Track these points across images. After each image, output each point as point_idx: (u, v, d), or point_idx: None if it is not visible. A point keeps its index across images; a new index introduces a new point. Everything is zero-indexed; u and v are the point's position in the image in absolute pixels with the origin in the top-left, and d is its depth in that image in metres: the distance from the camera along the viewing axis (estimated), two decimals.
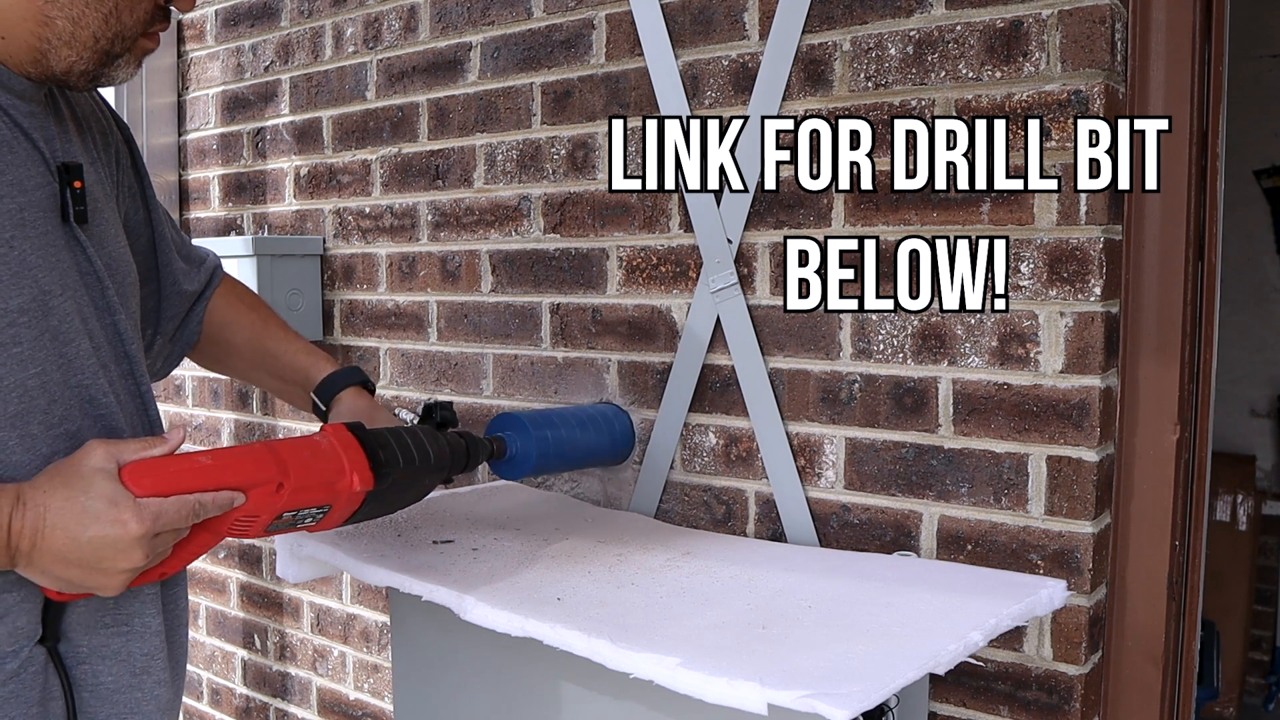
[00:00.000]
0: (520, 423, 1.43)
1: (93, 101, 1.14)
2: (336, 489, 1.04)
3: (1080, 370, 1.26)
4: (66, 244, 1.00)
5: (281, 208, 2.23)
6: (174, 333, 1.28)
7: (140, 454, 0.93)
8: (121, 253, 1.10)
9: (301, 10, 2.16)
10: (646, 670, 0.98)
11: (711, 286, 1.54)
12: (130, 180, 1.19)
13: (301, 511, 1.02)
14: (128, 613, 1.03)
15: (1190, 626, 1.37)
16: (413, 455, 1.12)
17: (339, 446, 1.05)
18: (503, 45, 1.81)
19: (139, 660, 1.03)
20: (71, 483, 0.89)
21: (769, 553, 1.38)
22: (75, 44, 0.96)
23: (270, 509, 0.99)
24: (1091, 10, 1.23)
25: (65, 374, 0.98)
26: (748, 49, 1.51)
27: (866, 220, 1.40)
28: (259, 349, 1.34)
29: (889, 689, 0.90)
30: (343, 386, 1.29)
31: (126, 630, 1.03)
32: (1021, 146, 1.28)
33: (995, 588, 1.18)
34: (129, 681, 1.02)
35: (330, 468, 1.04)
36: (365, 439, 1.08)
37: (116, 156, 1.17)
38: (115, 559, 0.89)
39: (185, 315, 1.28)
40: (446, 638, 1.36)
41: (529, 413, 1.49)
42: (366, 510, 1.10)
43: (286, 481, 0.99)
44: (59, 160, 1.01)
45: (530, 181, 1.78)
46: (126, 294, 1.09)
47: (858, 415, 1.42)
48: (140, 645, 1.04)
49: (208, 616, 2.56)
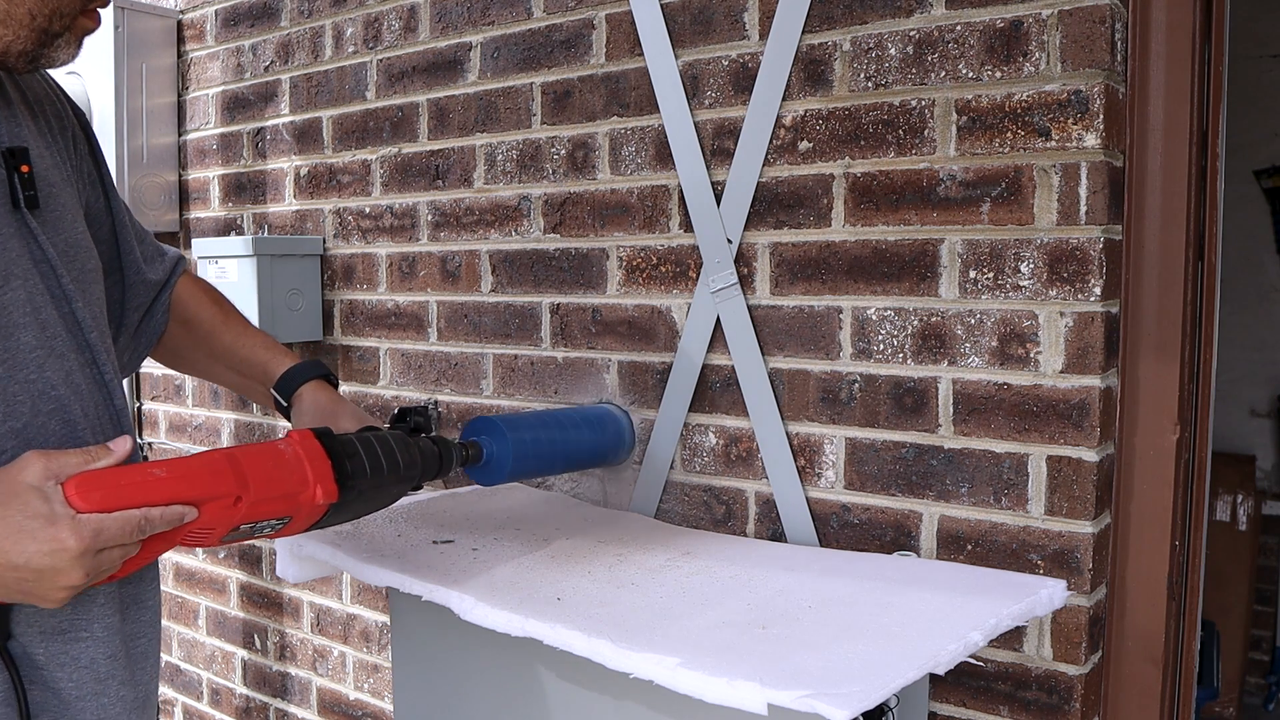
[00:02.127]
0: (496, 426, 1.37)
1: (46, 86, 1.11)
2: (299, 501, 1.00)
3: (1080, 370, 1.26)
4: (16, 231, 0.96)
5: (281, 208, 2.23)
6: (139, 324, 1.24)
7: (85, 466, 0.88)
8: (79, 239, 1.06)
9: (301, 10, 2.16)
10: (646, 670, 0.98)
11: (711, 286, 1.54)
12: (89, 168, 1.16)
13: (260, 523, 0.98)
14: (86, 618, 0.99)
15: (1190, 626, 1.37)
16: (381, 464, 1.08)
17: (304, 456, 1.01)
18: (503, 45, 1.81)
19: (103, 666, 1.00)
20: (5, 499, 0.84)
21: (769, 553, 1.38)
22: (11, 22, 0.93)
23: (227, 522, 0.95)
24: (1091, 10, 1.23)
25: (9, 368, 0.94)
26: (748, 49, 1.51)
27: (866, 220, 1.40)
28: (219, 342, 1.28)
29: (889, 689, 0.90)
30: (303, 381, 1.23)
31: (87, 636, 0.99)
32: (1021, 146, 1.28)
33: (995, 588, 1.18)
34: (93, 689, 0.99)
35: (293, 479, 0.99)
36: (332, 447, 1.04)
37: (74, 142, 1.13)
38: (53, 578, 0.85)
39: (150, 305, 1.24)
40: (446, 638, 1.36)
41: (507, 415, 1.44)
42: (330, 519, 1.06)
43: (245, 495, 0.94)
44: (4, 145, 0.98)
45: (530, 181, 1.78)
46: (87, 281, 1.05)
47: (858, 415, 1.43)
48: (102, 649, 1.00)
49: (208, 616, 2.56)
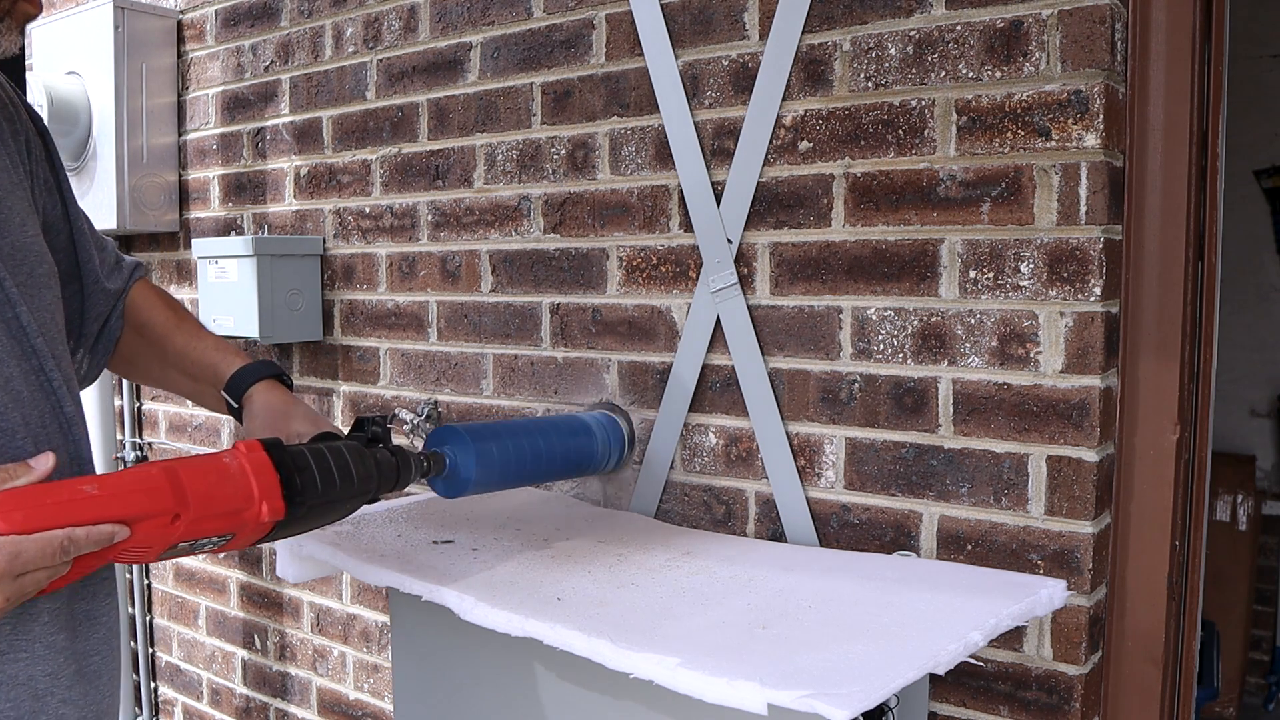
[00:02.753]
0: (460, 436, 1.29)
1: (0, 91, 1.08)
2: (243, 518, 0.94)
3: (1080, 370, 1.26)
4: None
5: (281, 208, 2.23)
6: (98, 333, 1.21)
7: (5, 484, 0.84)
8: (28, 242, 1.02)
9: (301, 10, 2.15)
10: (646, 670, 0.98)
11: (711, 286, 1.54)
12: (45, 173, 1.13)
13: (201, 540, 0.93)
14: (27, 637, 0.95)
15: (1190, 626, 1.37)
16: (333, 478, 1.02)
17: (250, 470, 0.95)
18: (503, 45, 1.81)
19: (41, 683, 0.96)
20: None
21: (769, 553, 1.38)
22: None
23: (163, 540, 0.90)
24: (1091, 10, 1.23)
25: None
26: (748, 49, 1.51)
27: (866, 220, 1.40)
28: (170, 346, 1.24)
29: (889, 689, 0.90)
30: (254, 381, 1.17)
31: (26, 656, 0.95)
32: (1021, 146, 1.28)
33: (995, 588, 1.18)
34: (30, 706, 0.94)
35: (237, 495, 0.94)
36: (281, 460, 0.98)
37: (28, 147, 1.10)
38: None
39: (109, 314, 1.20)
40: (446, 638, 1.36)
41: (476, 424, 1.37)
42: (277, 534, 1.02)
43: (184, 513, 0.89)
44: None
45: (530, 181, 1.78)
46: (36, 285, 1.01)
47: (858, 415, 1.42)
48: (43, 667, 0.96)
49: (208, 616, 2.56)
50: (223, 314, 2.12)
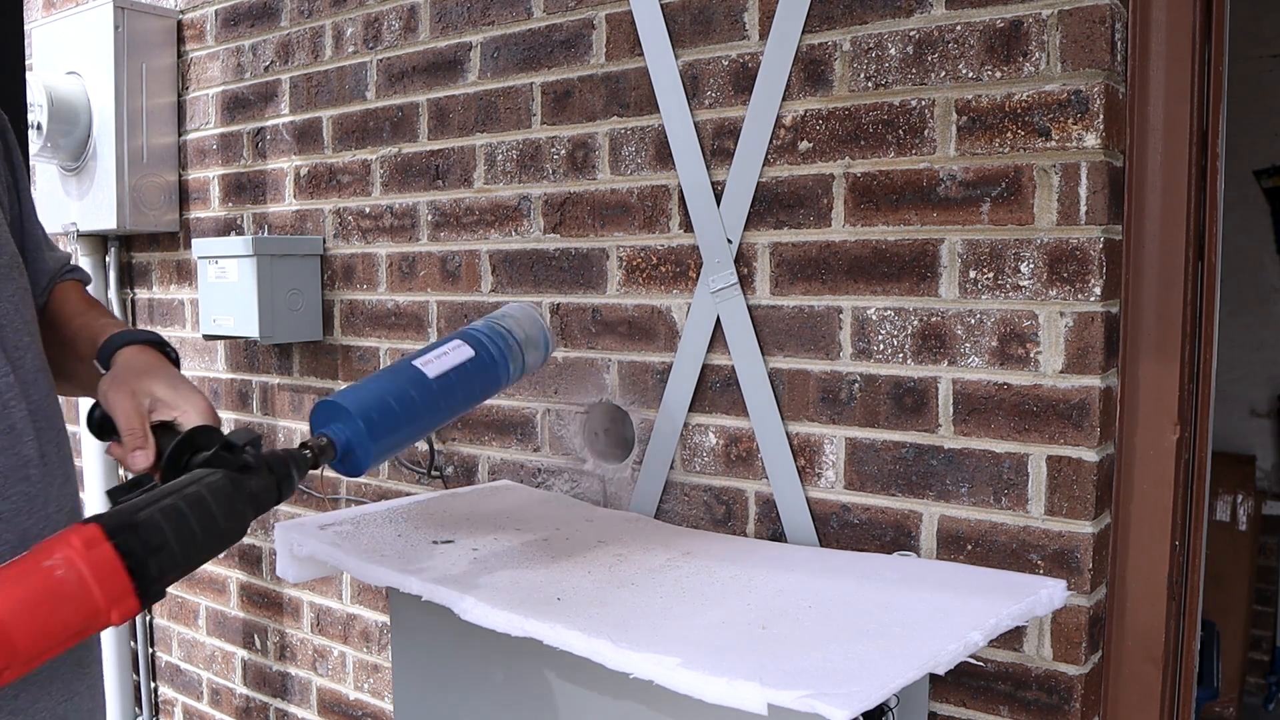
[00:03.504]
0: (340, 410, 1.10)
1: None
2: (90, 629, 0.78)
3: (1080, 370, 1.26)
4: None
5: (281, 208, 2.23)
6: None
7: None
8: None
9: (301, 10, 2.16)
10: (646, 670, 0.98)
11: (711, 286, 1.54)
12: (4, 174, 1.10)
13: None
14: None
15: (1190, 626, 1.37)
16: (196, 541, 0.85)
17: (90, 576, 0.76)
18: (503, 45, 1.81)
19: None
20: None
21: (769, 553, 1.38)
22: None
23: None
24: (1091, 10, 1.23)
25: None
26: (748, 49, 1.51)
27: (866, 220, 1.40)
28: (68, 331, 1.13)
29: (889, 689, 0.90)
30: (126, 344, 1.04)
31: None
32: (1021, 146, 1.28)
33: (995, 588, 1.18)
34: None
35: (77, 615, 0.76)
36: (129, 548, 0.79)
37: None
38: None
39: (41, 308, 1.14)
40: (446, 638, 1.36)
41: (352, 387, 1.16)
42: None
43: (13, 663, 0.73)
44: None
45: (530, 181, 1.78)
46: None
47: (858, 415, 1.42)
48: None
49: (208, 616, 2.56)
50: (223, 314, 2.12)
